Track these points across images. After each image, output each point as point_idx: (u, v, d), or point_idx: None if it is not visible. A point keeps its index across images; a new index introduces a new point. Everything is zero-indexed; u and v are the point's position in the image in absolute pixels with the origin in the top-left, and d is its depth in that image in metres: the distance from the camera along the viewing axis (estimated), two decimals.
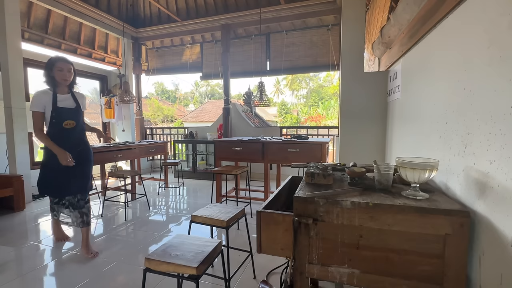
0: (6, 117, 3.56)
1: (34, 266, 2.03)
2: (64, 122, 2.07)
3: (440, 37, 1.13)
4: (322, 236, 0.89)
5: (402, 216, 0.81)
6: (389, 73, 2.30)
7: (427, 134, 1.26)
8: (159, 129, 6.99)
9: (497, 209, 0.70)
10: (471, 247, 0.82)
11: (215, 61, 5.60)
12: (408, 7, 1.33)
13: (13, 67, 3.53)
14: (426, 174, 0.86)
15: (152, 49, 6.14)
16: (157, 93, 29.46)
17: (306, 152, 3.01)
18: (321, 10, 4.39)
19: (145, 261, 1.22)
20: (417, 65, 1.45)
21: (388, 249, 0.83)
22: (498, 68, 0.71)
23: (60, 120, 2.06)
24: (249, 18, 4.81)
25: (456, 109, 0.95)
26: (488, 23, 0.76)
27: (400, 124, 1.89)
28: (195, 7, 5.19)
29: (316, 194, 0.91)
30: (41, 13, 4.44)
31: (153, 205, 3.65)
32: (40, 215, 3.22)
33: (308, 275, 0.92)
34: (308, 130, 6.39)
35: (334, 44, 4.66)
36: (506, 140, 0.67)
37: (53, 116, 2.04)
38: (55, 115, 2.04)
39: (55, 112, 2.04)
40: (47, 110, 2.04)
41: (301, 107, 26.49)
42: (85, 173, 2.23)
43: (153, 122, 20.02)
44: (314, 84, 27.48)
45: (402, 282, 0.82)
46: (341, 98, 2.70)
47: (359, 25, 2.57)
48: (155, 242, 2.46)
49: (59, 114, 2.06)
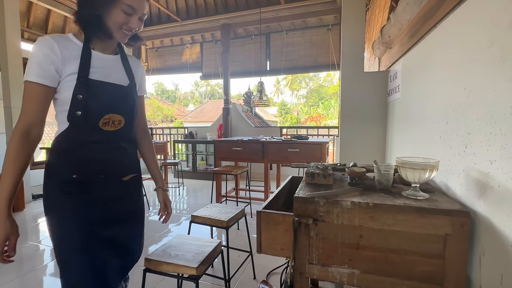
0: (6, 117, 3.55)
1: (34, 266, 2.03)
2: (103, 116, 0.93)
3: (440, 37, 1.13)
4: (322, 236, 0.89)
5: (402, 216, 0.80)
6: (389, 73, 2.30)
7: (427, 134, 1.26)
8: (159, 129, 6.99)
9: (498, 209, 0.70)
10: (471, 247, 0.82)
11: (215, 61, 5.60)
12: (408, 7, 1.33)
13: (13, 67, 3.53)
14: (426, 174, 0.86)
15: (152, 49, 6.14)
16: (157, 93, 29.48)
17: (306, 152, 3.01)
18: (321, 10, 4.39)
19: (145, 261, 1.22)
20: (418, 65, 1.45)
21: (388, 249, 0.83)
22: (498, 68, 0.71)
23: (94, 110, 0.91)
24: (249, 18, 4.81)
25: (456, 109, 0.95)
26: (488, 23, 0.76)
27: (400, 124, 1.89)
28: (195, 7, 5.19)
29: (316, 194, 0.91)
30: (40, 13, 4.44)
31: (153, 205, 3.65)
32: (40, 215, 3.22)
33: (308, 275, 0.92)
34: (308, 130, 6.40)
35: (334, 44, 4.66)
36: (507, 140, 0.67)
37: (78, 100, 0.88)
38: (83, 98, 0.89)
39: (83, 90, 0.89)
40: (66, 84, 0.89)
41: (301, 107, 26.50)
42: (136, 238, 1.10)
43: (153, 122, 20.03)
44: (314, 84, 27.48)
45: (402, 282, 0.82)
46: (341, 98, 2.70)
47: (359, 25, 2.57)
48: (155, 242, 2.45)
49: (94, 96, 0.91)
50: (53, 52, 0.86)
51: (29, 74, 0.85)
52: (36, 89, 0.86)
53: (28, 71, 0.86)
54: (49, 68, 0.85)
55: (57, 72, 0.87)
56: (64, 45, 0.88)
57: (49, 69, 0.86)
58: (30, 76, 0.85)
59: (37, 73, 0.85)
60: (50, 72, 0.86)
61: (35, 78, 0.85)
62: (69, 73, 0.88)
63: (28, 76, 0.85)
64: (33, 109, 0.86)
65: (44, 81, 0.85)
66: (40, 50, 0.85)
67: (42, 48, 0.85)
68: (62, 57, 0.87)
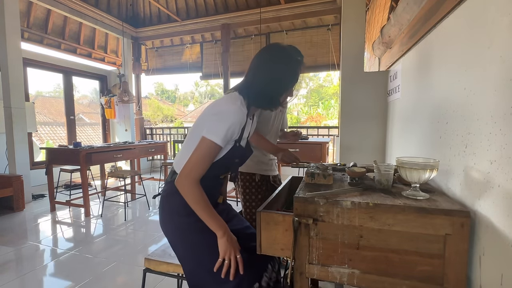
0: (6, 117, 3.56)
1: (34, 266, 2.03)
2: (226, 170, 1.12)
3: (440, 37, 1.13)
4: (322, 236, 0.89)
5: (403, 216, 0.80)
6: (389, 73, 2.30)
7: (427, 134, 1.26)
8: (159, 129, 7.00)
9: (498, 209, 0.70)
10: (472, 247, 0.82)
11: (215, 61, 5.60)
12: (408, 7, 1.33)
13: (13, 67, 3.53)
14: (426, 174, 0.86)
15: (152, 49, 6.14)
16: (157, 93, 29.46)
17: (306, 152, 3.01)
18: (321, 10, 4.39)
19: (145, 261, 1.22)
20: (418, 65, 1.45)
21: (388, 249, 0.83)
22: (498, 68, 0.71)
23: (229, 165, 1.10)
24: (249, 18, 4.81)
25: (456, 109, 0.95)
26: (488, 23, 0.76)
27: (400, 124, 1.89)
28: (195, 7, 5.19)
29: (316, 194, 0.91)
30: (40, 13, 4.44)
31: (153, 205, 3.65)
32: (40, 215, 3.22)
33: (308, 275, 0.92)
34: (308, 130, 6.40)
35: (334, 44, 4.66)
36: (507, 140, 0.66)
37: (227, 159, 1.04)
38: (230, 157, 1.05)
39: (235, 152, 1.05)
40: (228, 146, 1.03)
41: (301, 107, 26.48)
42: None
43: (153, 122, 20.02)
44: (314, 84, 27.47)
45: (402, 282, 0.82)
46: (341, 98, 2.70)
47: (359, 25, 2.57)
48: (155, 242, 2.46)
49: (234, 156, 1.07)
50: (239, 121, 0.98)
51: (217, 133, 0.94)
52: (215, 148, 0.96)
53: (214, 130, 0.95)
54: (230, 134, 0.97)
55: (231, 137, 1.00)
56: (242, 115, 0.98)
57: (230, 135, 0.97)
58: (216, 137, 0.94)
59: (223, 137, 0.95)
60: (229, 136, 0.98)
61: (220, 139, 0.95)
62: (233, 138, 1.01)
63: (214, 136, 0.94)
64: (206, 164, 0.97)
65: (222, 143, 0.97)
66: (235, 115, 0.96)
67: (237, 114, 0.96)
68: (239, 126, 0.99)
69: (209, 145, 0.94)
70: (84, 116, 13.77)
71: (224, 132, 0.94)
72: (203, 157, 0.95)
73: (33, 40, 4.41)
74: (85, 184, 3.15)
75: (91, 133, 12.27)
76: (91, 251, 2.27)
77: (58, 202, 3.45)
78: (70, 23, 4.90)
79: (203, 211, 0.98)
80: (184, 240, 1.04)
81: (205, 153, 0.94)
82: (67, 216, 3.22)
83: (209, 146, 0.94)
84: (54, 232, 2.73)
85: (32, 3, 4.19)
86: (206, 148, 0.94)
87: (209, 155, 0.95)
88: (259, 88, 0.99)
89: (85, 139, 11.02)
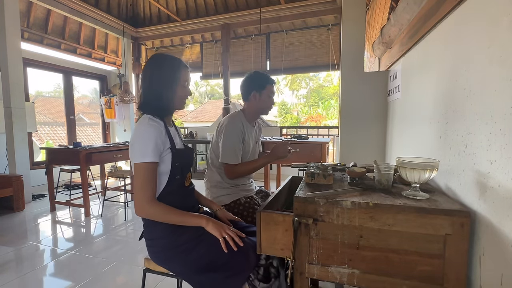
0: (6, 117, 3.56)
1: (34, 266, 2.03)
2: (184, 173, 1.17)
3: (440, 37, 1.13)
4: (322, 236, 0.89)
5: (403, 216, 0.80)
6: (389, 73, 2.30)
7: (427, 134, 1.26)
8: None
9: (498, 209, 0.70)
10: (472, 247, 0.82)
11: (215, 61, 5.60)
12: (408, 7, 1.33)
13: (13, 67, 3.53)
14: (427, 174, 0.86)
15: (152, 49, 6.14)
16: None
17: (306, 152, 3.01)
18: (321, 10, 4.39)
19: (145, 261, 1.22)
20: (417, 65, 1.45)
21: (388, 249, 0.83)
22: (498, 68, 0.71)
23: (183, 167, 1.17)
24: (249, 18, 4.81)
25: (456, 109, 0.95)
26: (488, 23, 0.76)
27: (401, 124, 1.89)
28: (195, 7, 5.19)
29: (316, 194, 0.91)
30: (40, 13, 4.44)
31: None
32: (40, 215, 3.22)
33: (308, 275, 0.92)
34: (308, 130, 6.40)
35: (334, 44, 4.66)
36: (507, 140, 0.66)
37: (176, 163, 1.12)
38: (177, 160, 1.13)
39: (178, 155, 1.14)
40: (168, 155, 1.11)
41: (301, 107, 26.47)
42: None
43: None
44: (314, 84, 27.45)
45: (402, 282, 0.82)
46: (341, 98, 2.70)
47: (359, 25, 2.57)
48: None
49: (180, 157, 1.16)
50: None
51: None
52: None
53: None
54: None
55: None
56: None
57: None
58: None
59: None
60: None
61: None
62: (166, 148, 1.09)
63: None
64: (153, 184, 1.04)
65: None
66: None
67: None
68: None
69: (144, 167, 1.01)
70: (84, 116, 13.76)
71: (149, 149, 1.01)
72: (144, 179, 1.00)
73: (33, 40, 4.41)
74: (85, 184, 3.15)
75: (91, 133, 12.27)
76: (91, 251, 2.27)
77: (58, 202, 3.45)
78: (70, 23, 4.90)
79: (177, 216, 1.04)
80: (183, 264, 1.06)
81: (145, 175, 1.01)
82: (67, 216, 3.22)
83: (144, 168, 1.01)
84: (54, 232, 2.73)
85: (32, 3, 4.19)
86: (143, 170, 1.01)
87: (150, 175, 1.01)
88: (151, 97, 1.10)
89: (85, 139, 11.02)
